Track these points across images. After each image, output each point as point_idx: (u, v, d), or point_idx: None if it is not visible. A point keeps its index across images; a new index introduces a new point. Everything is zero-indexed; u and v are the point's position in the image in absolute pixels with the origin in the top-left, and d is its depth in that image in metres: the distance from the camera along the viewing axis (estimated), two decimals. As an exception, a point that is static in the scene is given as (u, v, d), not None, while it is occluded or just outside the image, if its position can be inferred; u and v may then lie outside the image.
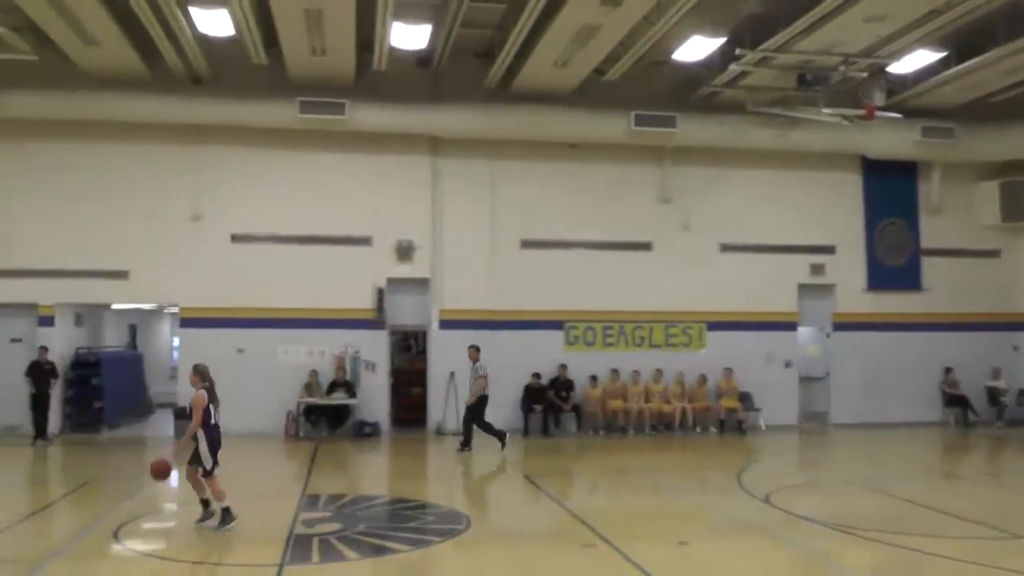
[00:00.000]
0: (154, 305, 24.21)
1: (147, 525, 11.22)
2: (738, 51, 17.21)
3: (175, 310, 21.84)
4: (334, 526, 10.77)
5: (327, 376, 19.75)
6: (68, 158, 19.62)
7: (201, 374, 11.13)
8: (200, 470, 10.68)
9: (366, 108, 19.10)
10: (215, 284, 19.72)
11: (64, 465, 16.99)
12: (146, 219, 19.67)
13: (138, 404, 23.06)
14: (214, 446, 10.75)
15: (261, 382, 19.36)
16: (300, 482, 14.19)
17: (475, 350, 17.88)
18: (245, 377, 19.00)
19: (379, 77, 18.94)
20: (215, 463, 10.69)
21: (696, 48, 17.51)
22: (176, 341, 25.15)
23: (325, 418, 19.48)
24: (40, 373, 18.55)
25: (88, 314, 21.71)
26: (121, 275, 19.64)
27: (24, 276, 19.34)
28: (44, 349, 18.85)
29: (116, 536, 10.25)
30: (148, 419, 22.72)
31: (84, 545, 10.09)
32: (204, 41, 17.40)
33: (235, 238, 19.97)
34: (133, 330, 26.30)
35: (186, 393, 19.28)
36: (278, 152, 20.06)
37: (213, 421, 10.86)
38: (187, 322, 20.15)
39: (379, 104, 19.22)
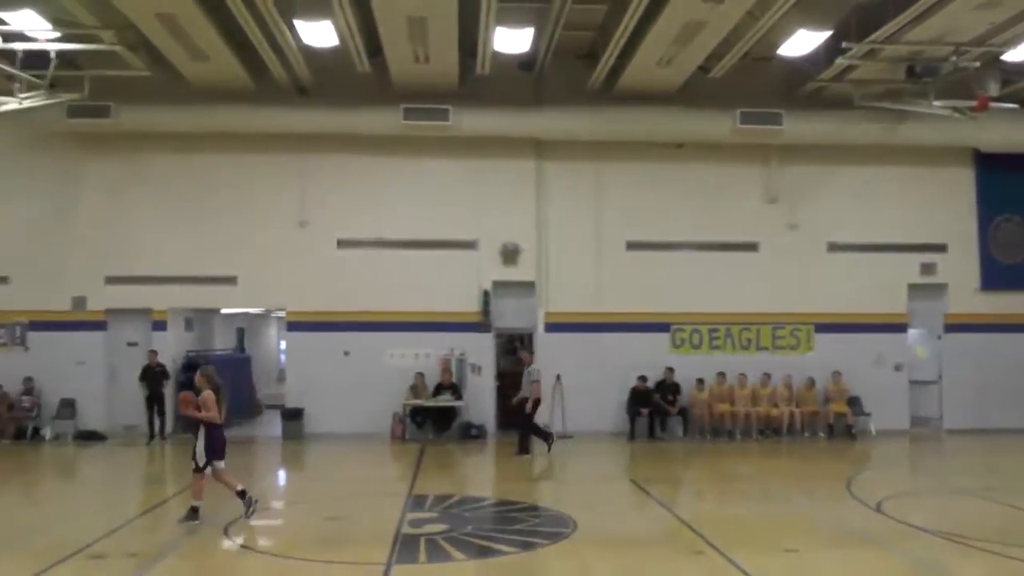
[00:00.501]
0: (262, 309, 24.80)
1: (256, 522, 11.41)
2: (844, 44, 16.70)
3: (282, 314, 22.36)
4: (441, 527, 10.80)
5: (433, 378, 19.92)
6: (180, 169, 20.30)
7: (208, 377, 11.46)
8: (208, 468, 11.07)
9: (470, 113, 19.21)
10: (321, 288, 20.08)
11: (176, 464, 17.46)
12: (254, 226, 20.20)
13: (247, 405, 23.62)
14: (212, 445, 11.12)
15: (367, 384, 19.67)
16: (407, 483, 14.30)
17: (528, 355, 18.03)
18: (351, 379, 19.36)
19: (482, 82, 19.04)
20: (208, 463, 11.05)
21: (802, 42, 17.08)
22: (283, 344, 25.70)
23: (431, 420, 19.65)
24: (152, 376, 19.19)
25: (198, 318, 22.40)
26: (230, 281, 20.21)
27: (139, 283, 20.11)
28: (154, 353, 19.50)
29: (227, 532, 10.48)
30: (257, 420, 23.28)
31: (197, 540, 10.35)
32: (308, 52, 17.73)
33: (341, 243, 20.31)
34: (241, 333, 26.98)
35: (294, 395, 19.96)
36: (383, 159, 20.32)
37: (218, 420, 11.22)
38: (294, 326, 20.61)
39: (482, 109, 19.32)
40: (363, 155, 20.29)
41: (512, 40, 17.01)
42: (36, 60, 16.59)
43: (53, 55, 16.39)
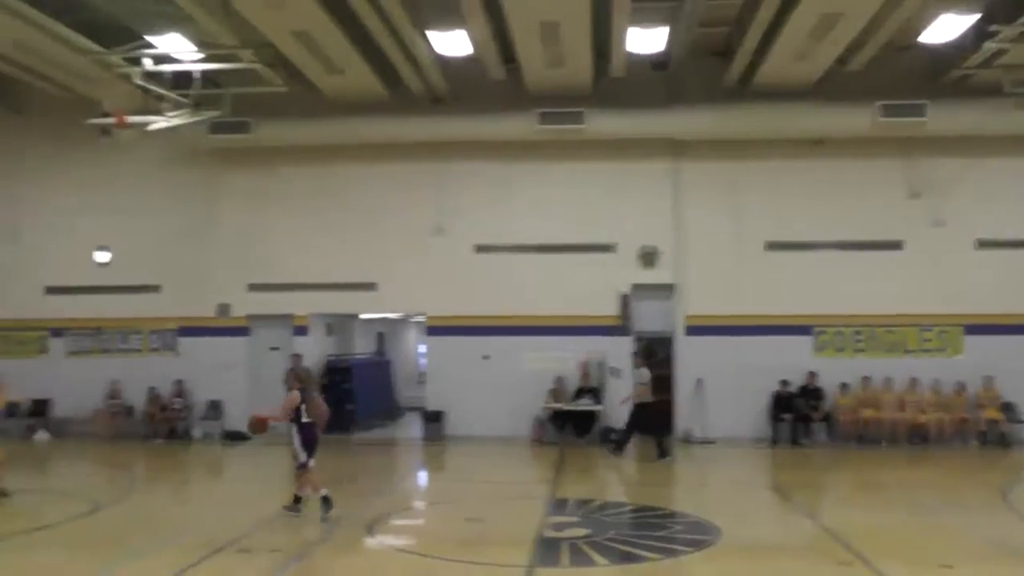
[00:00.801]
0: (401, 314, 25.31)
1: (398, 521, 11.64)
2: (993, 27, 15.77)
3: (421, 318, 22.75)
4: (583, 531, 10.74)
5: (573, 382, 19.93)
6: (318, 181, 20.90)
7: (299, 377, 11.91)
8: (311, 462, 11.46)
9: (604, 115, 19.12)
10: (460, 293, 20.33)
11: (319, 463, 17.87)
12: (392, 234, 20.60)
13: (387, 408, 24.13)
14: (307, 442, 11.48)
15: (506, 387, 19.80)
16: (547, 486, 14.29)
17: (640, 358, 17.84)
18: (490, 382, 19.54)
19: (616, 83, 18.96)
20: (309, 458, 11.44)
21: (946, 27, 16.27)
22: (422, 348, 26.14)
23: (571, 423, 19.62)
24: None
25: (338, 323, 23.02)
26: (370, 287, 20.65)
27: (281, 290, 20.80)
28: (298, 357, 20.03)
29: (370, 531, 10.69)
30: (397, 422, 23.74)
31: (340, 538, 10.61)
32: (442, 61, 17.99)
33: (478, 249, 20.51)
34: (380, 338, 27.56)
35: (435, 398, 20.25)
36: (518, 164, 20.44)
37: (306, 420, 11.55)
38: (433, 330, 20.97)
39: (617, 110, 19.18)
40: (498, 161, 20.45)
41: (646, 40, 16.82)
42: (182, 80, 17.38)
43: (197, 75, 17.14)
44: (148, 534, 11.07)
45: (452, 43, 16.70)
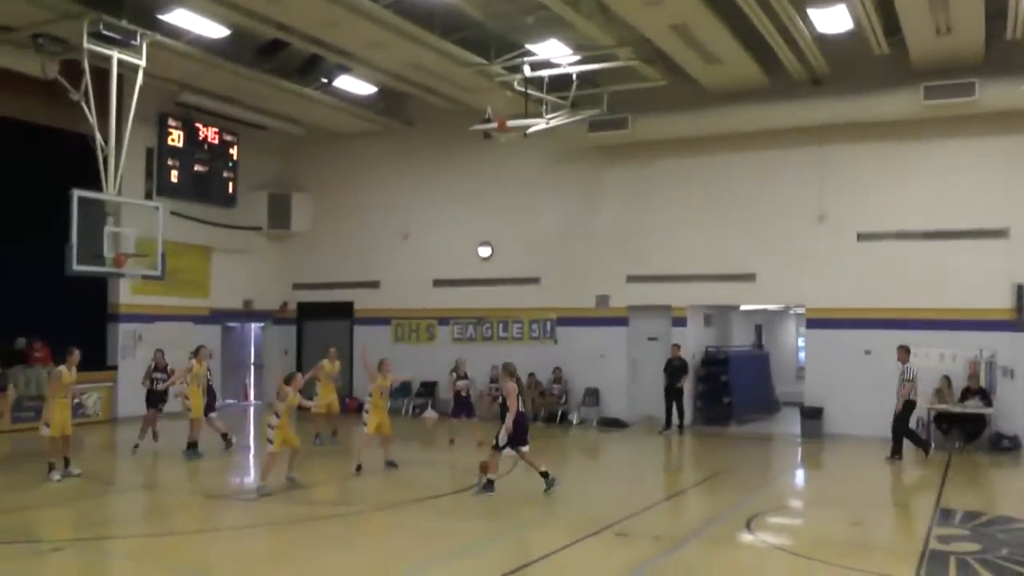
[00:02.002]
0: (779, 306, 24.67)
1: (777, 519, 11.34)
2: None
3: (800, 310, 22.02)
4: (973, 546, 9.76)
5: (959, 382, 18.21)
6: (695, 171, 20.89)
7: (509, 372, 12.83)
8: (506, 449, 12.22)
9: (997, 85, 17.22)
10: (841, 284, 19.40)
11: (696, 454, 18.00)
12: (770, 223, 20.11)
13: (764, 402, 23.62)
14: (516, 430, 12.17)
15: (889, 385, 18.38)
16: (932, 494, 13.21)
17: (904, 351, 16.13)
18: (872, 379, 18.36)
19: (1011, 48, 17.10)
20: (508, 444, 12.15)
21: None
22: (801, 341, 25.30)
23: (958, 427, 17.95)
24: (671, 369, 19.95)
25: (716, 315, 22.91)
26: (748, 278, 20.31)
27: (659, 281, 21.07)
28: (676, 347, 20.22)
29: (748, 526, 10.51)
30: (774, 416, 23.14)
31: (718, 531, 10.54)
32: (822, 40, 17.27)
33: (861, 236, 19.41)
34: (758, 330, 27.07)
35: (813, 393, 19.51)
36: (901, 144, 19.06)
37: (521, 409, 12.33)
38: (813, 323, 20.18)
39: (1012, 79, 17.15)
40: (881, 142, 19.20)
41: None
42: (560, 83, 18.16)
43: (574, 77, 17.77)
44: (531, 509, 11.73)
45: (833, 19, 16.02)
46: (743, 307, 23.70)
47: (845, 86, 18.66)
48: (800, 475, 16.46)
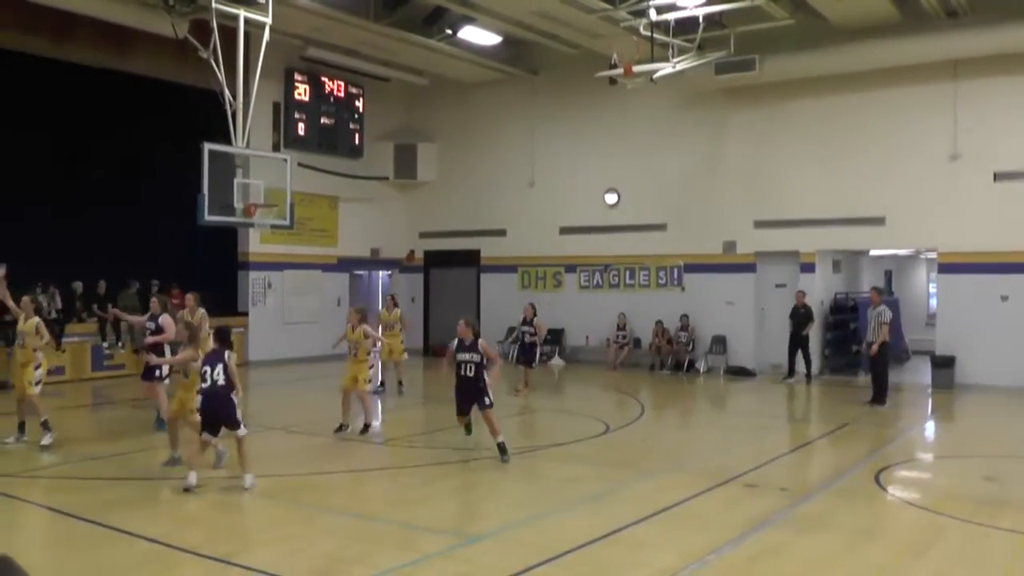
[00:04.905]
0: (911, 250, 23.96)
1: (907, 472, 11.22)
2: None
3: (932, 255, 21.37)
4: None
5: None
6: (824, 112, 20.40)
7: (472, 327, 11.22)
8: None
9: None
10: (976, 227, 18.73)
11: (823, 404, 17.80)
12: (902, 164, 19.52)
13: (894, 350, 22.92)
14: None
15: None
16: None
17: (876, 292, 16.60)
18: (1008, 326, 17.79)
19: None
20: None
21: None
22: (932, 287, 24.54)
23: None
24: (797, 317, 19.68)
25: (845, 260, 22.42)
26: (878, 221, 19.79)
27: (788, 226, 20.76)
28: (801, 294, 19.93)
29: (877, 479, 10.44)
30: (904, 366, 22.58)
31: (846, 484, 10.48)
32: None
33: (998, 176, 18.66)
34: (888, 275, 26.34)
35: (945, 341, 18.98)
36: (1044, 77, 18.17)
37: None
38: (945, 267, 19.57)
39: None
40: (1020, 75, 18.34)
41: None
42: (685, 26, 17.86)
43: (701, 19, 17.47)
44: (657, 459, 11.92)
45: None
46: (872, 252, 23.09)
47: (983, 17, 17.90)
48: (931, 427, 16.13)
